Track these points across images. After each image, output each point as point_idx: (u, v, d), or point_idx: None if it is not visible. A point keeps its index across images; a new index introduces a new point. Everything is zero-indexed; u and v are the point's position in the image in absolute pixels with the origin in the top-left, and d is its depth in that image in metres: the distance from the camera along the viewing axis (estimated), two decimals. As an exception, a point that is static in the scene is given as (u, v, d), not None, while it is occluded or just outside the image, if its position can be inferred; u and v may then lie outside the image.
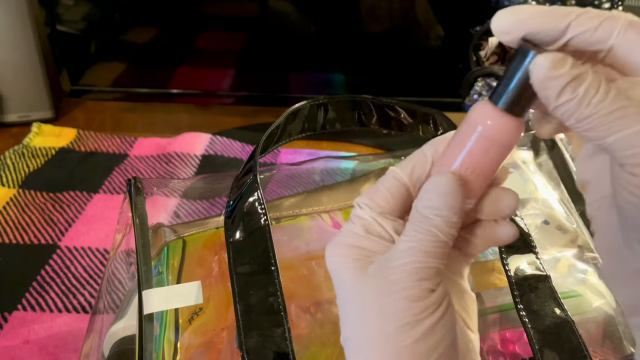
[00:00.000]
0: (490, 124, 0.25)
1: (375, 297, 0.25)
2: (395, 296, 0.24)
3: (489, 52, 0.75)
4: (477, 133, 0.25)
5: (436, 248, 0.25)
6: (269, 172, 0.56)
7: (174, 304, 0.38)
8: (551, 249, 0.46)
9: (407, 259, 0.25)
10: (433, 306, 0.24)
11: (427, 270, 0.24)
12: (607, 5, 0.79)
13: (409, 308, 0.24)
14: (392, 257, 0.25)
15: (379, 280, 0.25)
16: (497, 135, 0.25)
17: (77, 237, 0.68)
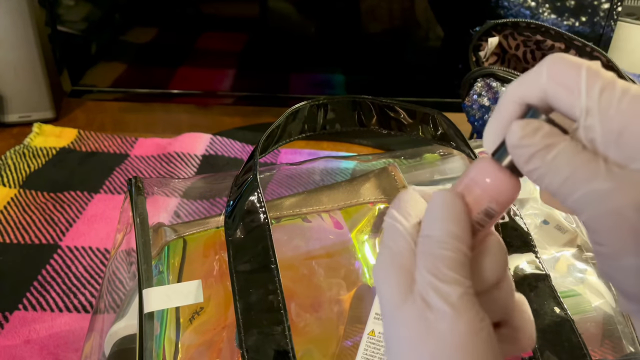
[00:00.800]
0: (490, 182, 0.25)
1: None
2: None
3: (489, 52, 0.76)
4: (477, 190, 0.25)
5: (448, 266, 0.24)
6: (269, 172, 0.56)
7: (174, 303, 0.38)
8: (550, 249, 0.47)
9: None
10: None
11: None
12: (606, 5, 0.79)
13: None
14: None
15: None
16: (495, 194, 0.25)
17: (77, 237, 0.68)
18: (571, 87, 0.22)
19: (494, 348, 0.23)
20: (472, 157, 0.46)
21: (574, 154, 0.22)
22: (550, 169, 0.22)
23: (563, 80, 0.22)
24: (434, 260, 0.23)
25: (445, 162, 0.56)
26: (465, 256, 0.24)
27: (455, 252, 0.24)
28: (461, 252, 0.24)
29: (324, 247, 0.44)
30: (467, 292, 0.23)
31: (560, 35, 0.72)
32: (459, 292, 0.23)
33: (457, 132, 0.48)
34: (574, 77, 0.22)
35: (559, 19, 0.81)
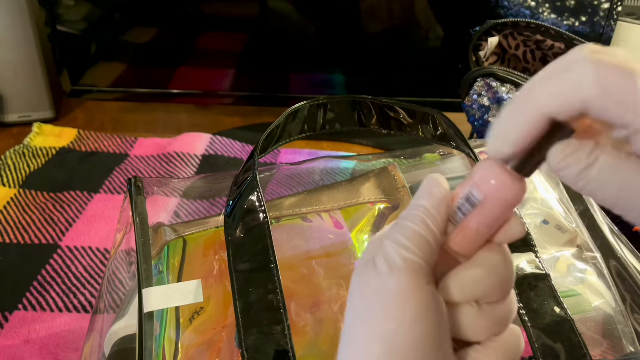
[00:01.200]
0: (495, 184, 0.25)
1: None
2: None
3: (489, 52, 0.76)
4: (483, 193, 0.25)
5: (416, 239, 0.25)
6: (269, 172, 0.56)
7: (174, 303, 0.38)
8: (550, 249, 0.47)
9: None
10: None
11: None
12: (606, 5, 0.79)
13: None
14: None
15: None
16: (502, 195, 0.25)
17: (77, 237, 0.68)
18: (625, 101, 0.20)
19: (429, 318, 0.24)
20: (472, 157, 0.46)
21: (618, 164, 0.21)
22: (598, 184, 0.22)
23: (614, 94, 0.20)
24: (396, 228, 0.25)
25: (445, 162, 0.56)
26: (428, 230, 0.25)
27: (416, 224, 0.25)
28: (424, 225, 0.25)
29: (324, 247, 0.44)
30: (414, 261, 0.24)
31: (561, 35, 0.72)
32: (404, 257, 0.24)
33: (457, 132, 0.48)
34: (627, 90, 0.20)
35: (559, 18, 0.81)
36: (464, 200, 0.25)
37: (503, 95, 0.70)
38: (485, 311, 0.26)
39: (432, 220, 0.25)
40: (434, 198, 0.26)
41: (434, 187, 0.26)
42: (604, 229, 0.48)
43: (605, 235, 0.48)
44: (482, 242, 0.26)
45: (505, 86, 0.70)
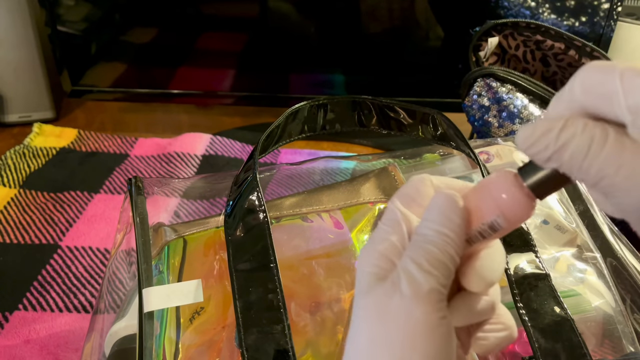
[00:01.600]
0: (505, 199, 0.24)
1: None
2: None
3: (489, 52, 0.76)
4: (489, 201, 0.25)
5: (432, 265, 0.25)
6: (269, 172, 0.56)
7: (174, 302, 0.38)
8: (550, 249, 0.47)
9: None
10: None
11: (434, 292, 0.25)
12: (606, 5, 0.79)
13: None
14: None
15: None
16: (507, 211, 0.25)
17: (77, 237, 0.68)
18: (609, 94, 0.21)
19: (446, 350, 0.24)
20: (472, 157, 0.46)
21: (623, 146, 0.21)
22: (606, 163, 0.21)
23: (599, 91, 0.21)
24: (419, 252, 0.25)
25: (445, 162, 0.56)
26: (451, 259, 0.25)
27: (442, 251, 0.25)
28: (447, 253, 0.25)
29: (324, 247, 0.44)
30: (438, 290, 0.24)
31: (560, 35, 0.72)
32: (431, 285, 0.24)
33: (457, 132, 0.48)
34: (606, 82, 0.21)
35: (559, 19, 0.81)
36: (486, 227, 0.25)
37: (503, 95, 0.70)
38: (490, 294, 0.27)
39: (454, 249, 0.25)
40: (457, 225, 0.25)
41: (458, 215, 0.25)
42: (604, 228, 0.48)
43: (605, 235, 0.48)
44: (479, 248, 0.27)
45: (505, 86, 0.70)
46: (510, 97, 0.70)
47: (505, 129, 0.70)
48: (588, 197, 0.50)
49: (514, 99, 0.69)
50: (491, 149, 0.55)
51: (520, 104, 0.69)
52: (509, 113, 0.69)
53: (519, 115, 0.69)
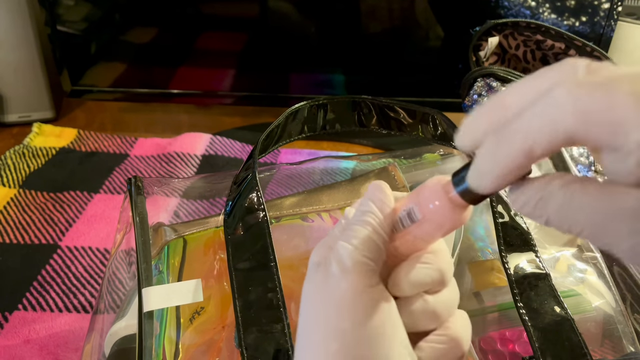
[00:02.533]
0: (435, 209, 0.26)
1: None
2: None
3: (489, 52, 0.76)
4: (414, 196, 0.27)
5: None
6: (269, 172, 0.56)
7: (174, 302, 0.38)
8: (550, 248, 0.47)
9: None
10: None
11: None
12: (606, 5, 0.79)
13: None
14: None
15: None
16: (438, 218, 0.26)
17: (77, 237, 0.68)
18: (612, 123, 0.18)
19: (377, 316, 0.26)
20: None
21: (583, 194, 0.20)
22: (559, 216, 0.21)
23: (602, 118, 0.18)
24: (346, 233, 0.27)
25: (445, 162, 0.56)
26: (375, 234, 0.27)
27: (366, 228, 0.27)
28: (370, 228, 0.27)
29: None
30: (364, 262, 0.26)
31: (561, 35, 0.72)
32: (355, 259, 0.26)
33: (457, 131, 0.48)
34: (608, 111, 0.18)
35: (559, 18, 0.81)
36: (405, 214, 0.27)
37: (503, 95, 0.70)
38: (432, 300, 0.28)
39: (380, 226, 0.27)
40: (383, 206, 0.28)
41: (382, 196, 0.28)
42: (604, 228, 0.48)
43: (605, 235, 0.47)
44: (420, 249, 0.28)
45: (505, 86, 0.70)
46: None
47: (506, 128, 0.70)
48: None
49: (514, 98, 0.69)
50: (491, 149, 0.55)
51: (521, 103, 0.69)
52: (509, 113, 0.69)
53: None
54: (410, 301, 0.28)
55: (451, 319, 0.29)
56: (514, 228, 0.41)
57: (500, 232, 0.40)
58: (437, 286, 0.28)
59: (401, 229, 0.28)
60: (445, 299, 0.29)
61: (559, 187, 0.21)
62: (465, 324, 0.29)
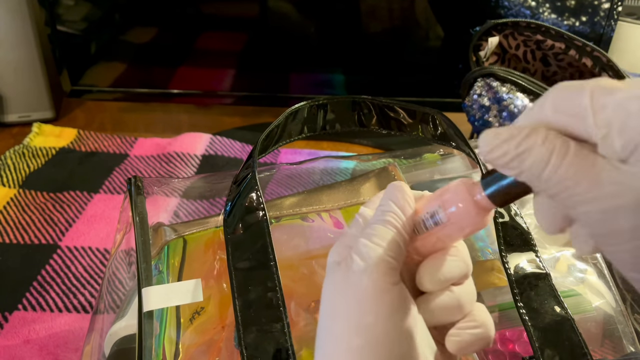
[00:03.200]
0: (459, 211, 0.27)
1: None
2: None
3: (489, 52, 0.76)
4: (437, 198, 0.28)
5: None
6: (269, 172, 0.56)
7: (173, 302, 0.38)
8: (551, 248, 0.47)
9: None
10: None
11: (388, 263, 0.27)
12: (606, 5, 0.79)
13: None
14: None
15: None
16: (462, 220, 0.27)
17: (77, 237, 0.68)
18: (580, 113, 0.21)
19: (399, 313, 0.27)
20: (472, 156, 0.46)
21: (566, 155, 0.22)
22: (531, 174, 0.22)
23: (570, 110, 0.22)
24: (367, 231, 0.28)
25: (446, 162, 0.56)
26: (397, 233, 0.27)
27: (388, 227, 0.28)
28: (392, 227, 0.28)
29: (324, 246, 0.44)
30: (386, 260, 0.27)
31: (561, 35, 0.72)
32: (377, 256, 0.27)
33: (457, 131, 0.48)
34: (580, 103, 0.21)
35: (559, 18, 0.81)
36: (429, 216, 0.28)
37: (503, 95, 0.70)
38: (458, 291, 0.29)
39: (402, 226, 0.28)
40: (405, 206, 0.28)
41: (403, 195, 0.29)
42: (604, 228, 0.48)
43: (605, 235, 0.47)
44: (439, 249, 0.29)
45: (506, 86, 0.70)
46: (511, 97, 0.70)
47: (506, 128, 0.70)
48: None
49: (514, 98, 0.69)
50: (491, 149, 0.55)
51: (521, 103, 0.69)
52: (509, 113, 0.69)
53: (519, 115, 0.69)
54: (437, 294, 0.28)
55: (474, 308, 0.29)
56: (514, 228, 0.41)
57: (500, 232, 0.40)
58: (463, 278, 0.29)
59: (424, 231, 0.28)
60: (468, 290, 0.29)
61: (541, 142, 0.22)
62: (487, 312, 0.30)
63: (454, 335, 0.28)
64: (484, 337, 0.29)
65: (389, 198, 0.29)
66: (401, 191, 0.29)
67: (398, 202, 0.29)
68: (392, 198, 0.29)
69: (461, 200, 0.26)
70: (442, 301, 0.28)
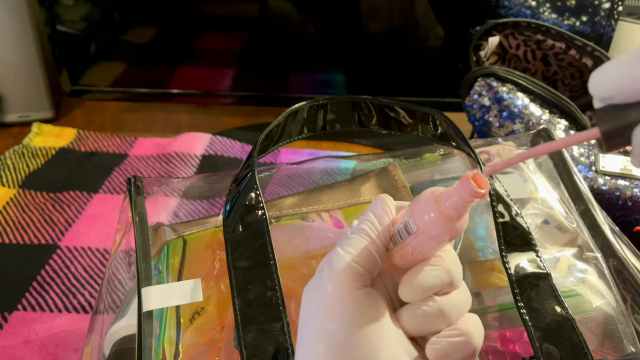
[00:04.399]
0: (428, 220, 0.27)
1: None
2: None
3: (489, 52, 0.76)
4: (408, 209, 0.28)
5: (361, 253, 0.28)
6: (269, 172, 0.56)
7: (173, 301, 0.38)
8: (551, 249, 0.46)
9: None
10: None
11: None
12: (607, 5, 0.79)
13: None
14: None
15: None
16: (430, 229, 0.27)
17: (77, 237, 0.68)
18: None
19: (365, 316, 0.27)
20: (472, 156, 0.46)
21: None
22: None
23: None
24: (342, 241, 0.29)
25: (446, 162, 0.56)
26: (372, 243, 0.28)
27: (362, 237, 0.28)
28: (366, 237, 0.28)
29: (324, 246, 0.44)
30: (353, 267, 0.28)
31: (561, 34, 0.72)
32: (344, 263, 0.28)
33: (457, 131, 0.48)
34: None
35: (560, 18, 0.81)
36: (402, 227, 0.28)
37: (503, 95, 0.70)
38: (441, 300, 0.28)
39: (376, 235, 0.29)
40: (381, 217, 0.29)
41: (382, 206, 0.30)
42: (605, 228, 0.48)
43: (605, 235, 0.47)
44: (420, 260, 0.29)
45: (506, 86, 0.70)
46: (511, 97, 0.69)
47: (506, 128, 0.70)
48: (589, 197, 0.50)
49: (514, 98, 0.69)
50: (491, 149, 0.55)
51: (521, 103, 0.69)
52: (509, 113, 0.69)
53: (519, 115, 0.69)
54: (417, 304, 0.28)
55: (461, 318, 0.29)
56: (515, 228, 0.41)
57: (500, 231, 0.40)
58: (446, 288, 0.29)
59: (399, 241, 0.29)
60: (454, 300, 0.29)
61: None
62: (476, 323, 0.29)
63: (433, 343, 0.28)
64: (464, 346, 0.28)
65: (370, 209, 0.30)
66: (381, 202, 0.30)
67: (376, 212, 0.29)
68: (371, 208, 0.30)
69: (430, 209, 0.27)
70: (422, 311, 0.28)
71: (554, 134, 0.54)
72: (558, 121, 0.68)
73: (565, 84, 0.81)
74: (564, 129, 0.68)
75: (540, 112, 0.69)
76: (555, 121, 0.68)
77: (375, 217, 0.29)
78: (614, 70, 0.24)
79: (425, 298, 0.28)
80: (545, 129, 0.55)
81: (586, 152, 0.66)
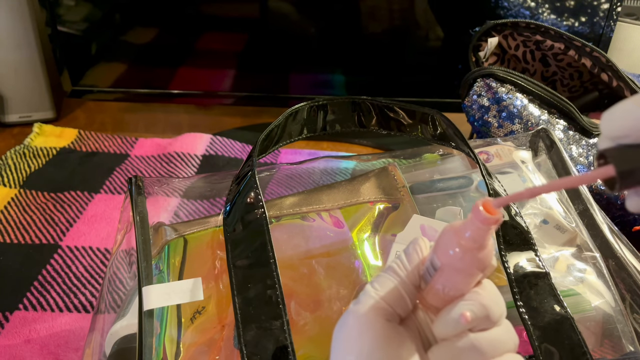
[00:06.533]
0: (451, 255, 0.27)
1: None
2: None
3: (489, 52, 0.76)
4: (441, 263, 0.28)
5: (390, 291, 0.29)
6: (269, 172, 0.56)
7: (174, 300, 0.38)
8: (550, 248, 0.47)
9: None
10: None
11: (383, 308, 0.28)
12: (606, 5, 0.80)
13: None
14: None
15: None
16: (454, 263, 0.27)
17: (78, 237, 0.68)
18: None
19: (382, 352, 0.27)
20: (471, 156, 0.46)
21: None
22: None
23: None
24: (378, 276, 0.29)
25: (445, 162, 0.56)
26: (401, 282, 0.28)
27: (390, 275, 0.29)
28: (396, 277, 0.29)
29: (324, 245, 0.44)
30: (379, 304, 0.28)
31: (560, 35, 0.72)
32: (372, 300, 0.28)
33: (456, 131, 0.48)
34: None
35: (559, 19, 0.81)
36: (429, 264, 0.28)
37: (502, 96, 0.70)
38: (475, 336, 0.28)
39: (405, 275, 0.29)
40: (411, 256, 0.29)
41: (414, 246, 0.30)
42: (604, 228, 0.48)
43: (604, 235, 0.48)
44: (455, 297, 0.28)
45: (505, 86, 0.70)
46: (510, 97, 0.70)
47: (505, 129, 0.70)
48: (588, 196, 0.50)
49: (513, 99, 0.70)
50: (491, 149, 0.55)
51: (520, 104, 0.69)
52: (508, 113, 0.70)
53: (518, 116, 0.69)
54: (451, 340, 0.28)
55: (499, 358, 0.28)
56: (514, 227, 0.41)
57: (499, 231, 0.40)
58: (482, 324, 0.28)
59: (429, 279, 0.29)
60: (491, 338, 0.28)
61: None
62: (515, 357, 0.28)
63: None
64: None
65: (404, 250, 0.30)
66: (413, 242, 0.30)
67: (407, 251, 0.30)
68: (405, 250, 0.30)
69: (450, 243, 0.27)
70: (453, 346, 0.27)
71: (553, 135, 0.55)
72: (557, 121, 0.68)
73: (564, 84, 0.81)
74: (562, 129, 0.68)
75: (539, 112, 0.69)
76: (554, 121, 0.68)
77: (405, 256, 0.30)
78: (629, 110, 0.24)
79: (459, 334, 0.27)
80: (544, 129, 0.55)
81: (585, 152, 0.66)
